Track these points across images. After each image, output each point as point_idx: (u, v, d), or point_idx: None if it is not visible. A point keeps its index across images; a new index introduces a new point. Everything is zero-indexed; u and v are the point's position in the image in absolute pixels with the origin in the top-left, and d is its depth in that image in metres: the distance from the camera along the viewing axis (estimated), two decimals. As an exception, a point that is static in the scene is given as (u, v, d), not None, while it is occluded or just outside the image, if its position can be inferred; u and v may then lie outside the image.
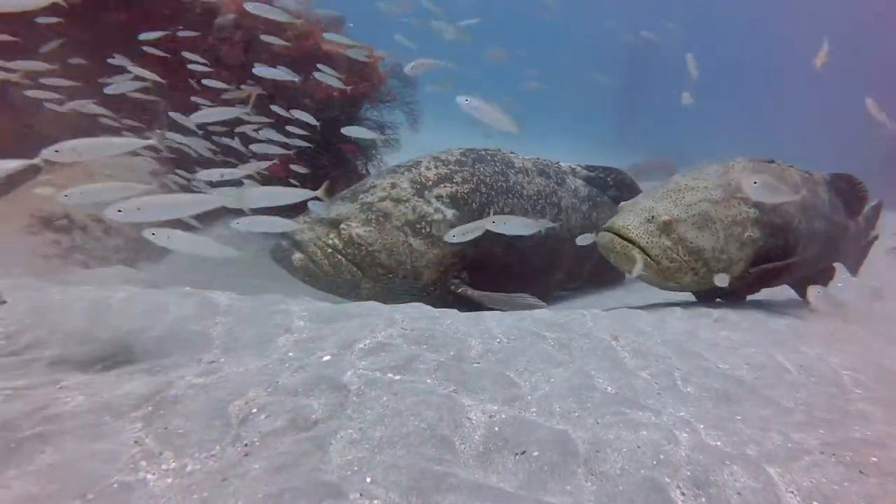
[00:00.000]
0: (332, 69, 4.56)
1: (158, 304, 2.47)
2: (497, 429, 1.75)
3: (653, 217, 3.64)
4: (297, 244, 3.91)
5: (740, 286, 3.93)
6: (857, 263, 5.27)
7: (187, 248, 2.12)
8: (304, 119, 4.39)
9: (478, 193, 4.28)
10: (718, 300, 3.97)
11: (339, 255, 3.89)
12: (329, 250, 3.88)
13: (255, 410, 1.73)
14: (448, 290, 4.18)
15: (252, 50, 4.84)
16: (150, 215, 1.95)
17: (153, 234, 2.00)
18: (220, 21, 4.89)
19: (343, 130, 4.24)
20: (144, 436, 1.58)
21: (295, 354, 2.15)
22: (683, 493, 1.58)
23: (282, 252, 3.94)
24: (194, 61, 4.35)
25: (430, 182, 4.18)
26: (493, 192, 4.35)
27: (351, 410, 1.78)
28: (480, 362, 2.20)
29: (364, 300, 2.93)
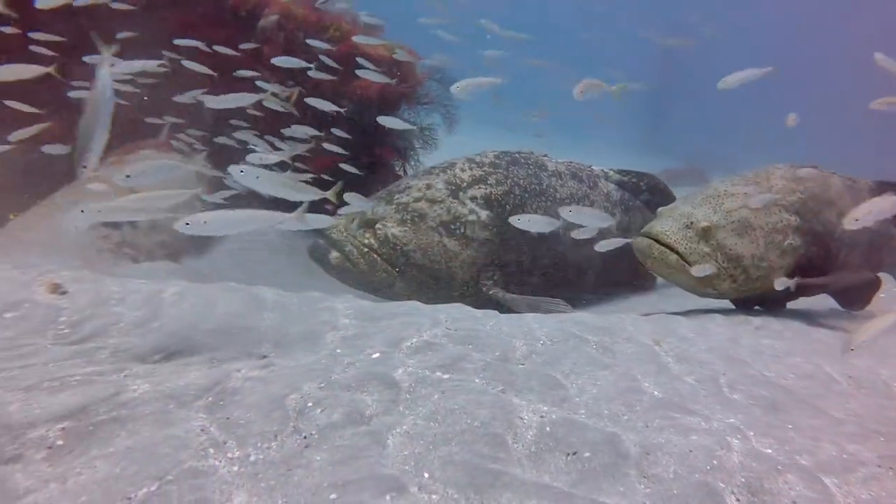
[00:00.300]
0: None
1: (208, 298, 2.53)
2: (548, 429, 1.77)
3: (692, 223, 3.62)
4: (333, 243, 4.02)
5: (780, 295, 3.87)
6: None
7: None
8: (330, 109, 4.40)
9: (511, 195, 4.31)
10: (757, 308, 3.92)
11: (375, 255, 3.98)
12: (365, 249, 3.98)
13: (310, 404, 1.77)
14: (480, 291, 4.22)
15: (293, 51, 4.93)
16: (215, 230, 2.15)
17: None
18: (264, 23, 5.01)
19: (379, 120, 4.29)
20: (209, 424, 1.64)
21: (343, 351, 2.19)
22: (738, 500, 1.57)
23: (319, 250, 4.06)
24: (249, 70, 4.50)
25: (465, 183, 4.23)
26: (526, 195, 4.38)
27: (403, 407, 1.81)
28: (525, 363, 2.21)
29: (398, 299, 2.98)
